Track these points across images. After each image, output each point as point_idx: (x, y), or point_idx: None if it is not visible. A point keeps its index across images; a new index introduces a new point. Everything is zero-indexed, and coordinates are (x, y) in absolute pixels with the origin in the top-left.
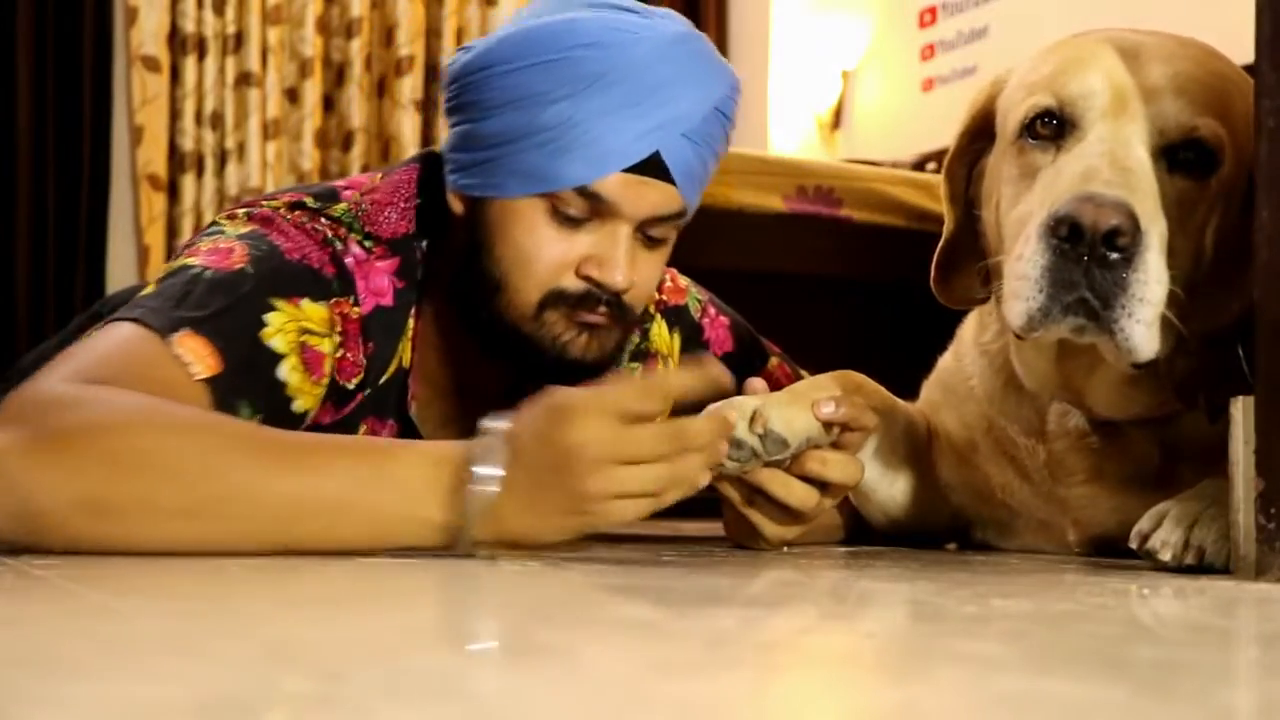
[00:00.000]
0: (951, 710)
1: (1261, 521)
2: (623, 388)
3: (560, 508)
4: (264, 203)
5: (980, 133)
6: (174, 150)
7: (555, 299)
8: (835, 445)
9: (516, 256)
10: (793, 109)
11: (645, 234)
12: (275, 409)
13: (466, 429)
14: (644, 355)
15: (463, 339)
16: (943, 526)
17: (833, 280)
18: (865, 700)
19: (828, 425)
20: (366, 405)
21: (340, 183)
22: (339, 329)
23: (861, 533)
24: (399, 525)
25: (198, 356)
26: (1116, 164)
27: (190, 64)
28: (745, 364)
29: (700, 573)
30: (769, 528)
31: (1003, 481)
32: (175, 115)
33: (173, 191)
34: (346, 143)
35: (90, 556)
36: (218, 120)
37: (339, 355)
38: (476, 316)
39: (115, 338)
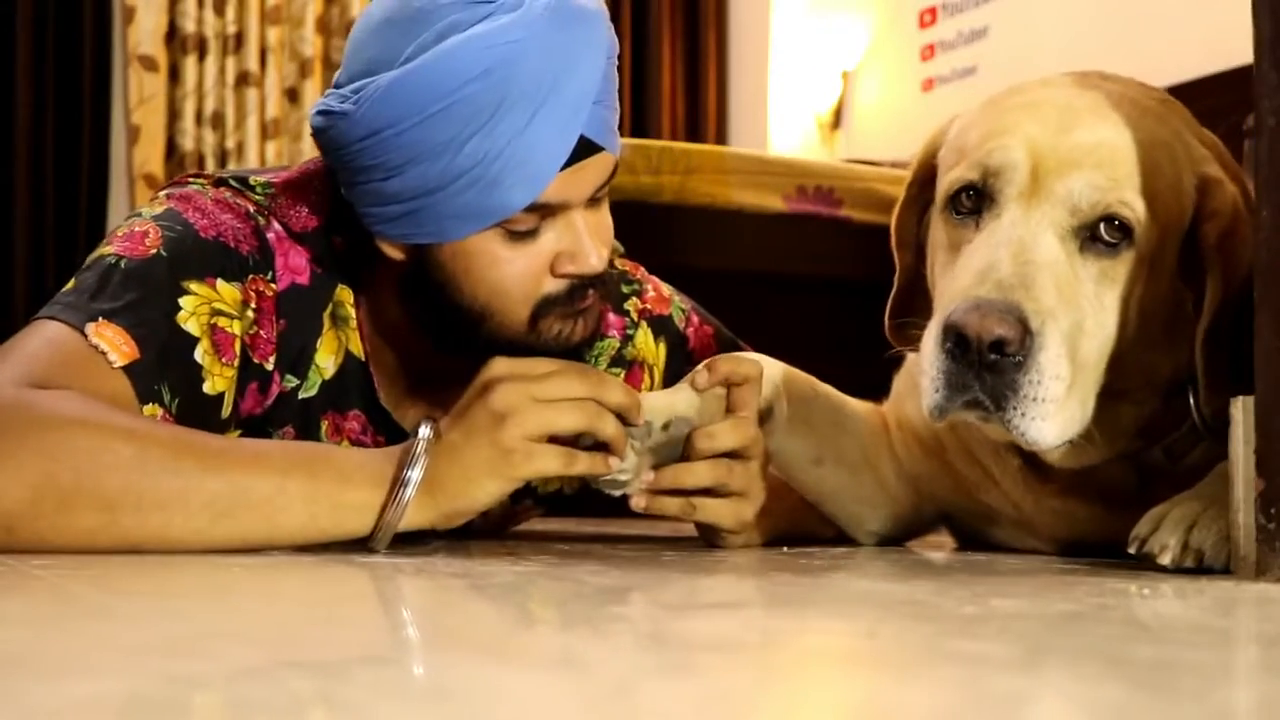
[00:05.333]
0: (951, 710)
1: (1261, 521)
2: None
3: (484, 460)
4: (190, 180)
5: (929, 181)
6: (174, 150)
7: (546, 306)
8: (730, 411)
9: (491, 289)
10: (793, 109)
11: (590, 200)
12: (192, 392)
13: (437, 404)
14: (627, 363)
15: (411, 329)
16: (926, 522)
17: (833, 280)
18: (865, 700)
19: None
20: (324, 401)
21: (262, 175)
22: (253, 306)
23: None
24: (332, 512)
25: (114, 345)
26: (1020, 256)
27: (190, 64)
28: None
29: (700, 573)
30: (725, 522)
31: (974, 479)
32: (175, 115)
33: None
34: None
35: (90, 556)
36: (218, 120)
37: (253, 332)
38: (465, 342)
39: (39, 336)
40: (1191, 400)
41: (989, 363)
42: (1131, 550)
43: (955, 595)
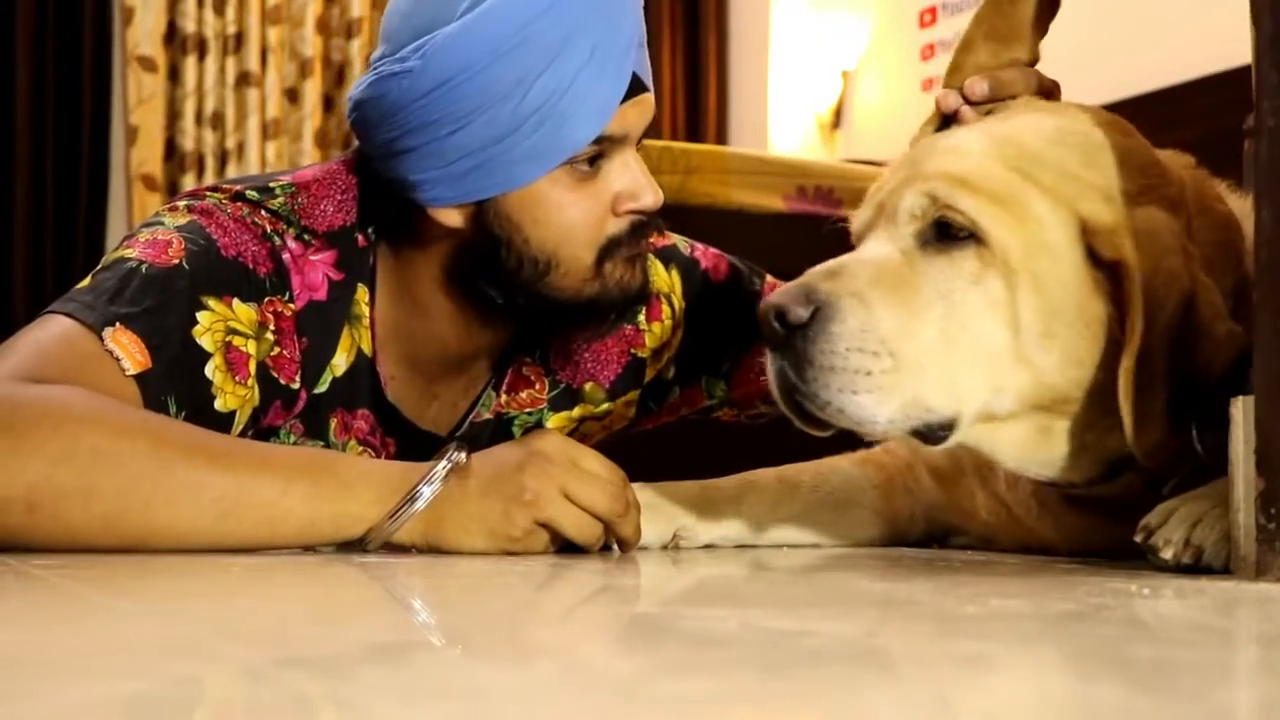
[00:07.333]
0: (952, 710)
1: (1261, 521)
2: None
3: (489, 522)
4: (207, 194)
5: None
6: (174, 150)
7: (610, 249)
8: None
9: (560, 234)
10: (793, 109)
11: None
12: (200, 407)
13: (454, 397)
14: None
15: (448, 314)
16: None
17: None
18: (865, 700)
19: None
20: (333, 397)
21: (281, 177)
22: (273, 327)
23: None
24: (332, 519)
25: (128, 353)
26: (828, 265)
27: (190, 64)
28: (747, 284)
29: (700, 573)
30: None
31: (989, 501)
32: (175, 115)
33: (172, 192)
34: (347, 142)
35: (91, 556)
36: (218, 120)
37: (275, 353)
38: (528, 300)
39: (51, 332)
40: (1194, 433)
41: (782, 339)
42: (1138, 539)
43: (955, 595)
